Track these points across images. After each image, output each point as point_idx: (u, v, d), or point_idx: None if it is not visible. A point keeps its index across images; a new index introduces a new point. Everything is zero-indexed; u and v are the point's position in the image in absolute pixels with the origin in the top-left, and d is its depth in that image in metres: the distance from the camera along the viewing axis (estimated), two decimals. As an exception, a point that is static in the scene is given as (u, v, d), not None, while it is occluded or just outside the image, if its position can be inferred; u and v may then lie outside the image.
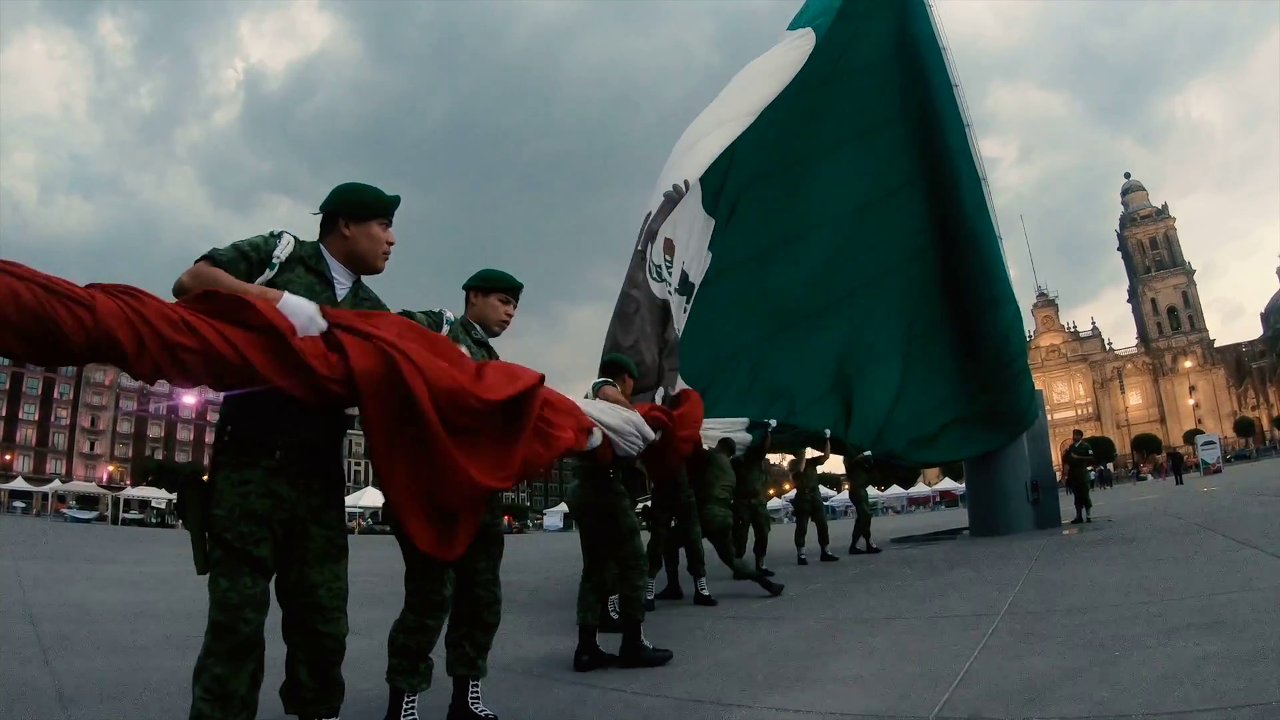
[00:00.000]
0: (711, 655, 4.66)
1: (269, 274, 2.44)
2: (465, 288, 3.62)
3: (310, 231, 2.68)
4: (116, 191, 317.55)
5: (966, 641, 4.26)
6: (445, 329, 3.29)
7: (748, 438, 9.53)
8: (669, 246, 8.51)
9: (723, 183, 9.57)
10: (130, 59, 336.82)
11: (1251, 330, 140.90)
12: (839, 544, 12.29)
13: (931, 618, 5.16)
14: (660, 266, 8.34)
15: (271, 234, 2.52)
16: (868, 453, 12.65)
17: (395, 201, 2.70)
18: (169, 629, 5.88)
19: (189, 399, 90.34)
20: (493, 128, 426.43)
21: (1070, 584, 6.13)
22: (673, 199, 8.51)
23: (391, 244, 2.69)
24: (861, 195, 12.82)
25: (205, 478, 2.39)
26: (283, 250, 2.48)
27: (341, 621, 2.42)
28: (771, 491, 51.25)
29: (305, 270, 2.53)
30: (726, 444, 8.41)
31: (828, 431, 11.25)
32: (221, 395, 2.30)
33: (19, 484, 63.44)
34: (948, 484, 62.28)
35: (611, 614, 5.39)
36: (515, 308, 3.63)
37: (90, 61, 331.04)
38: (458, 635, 3.28)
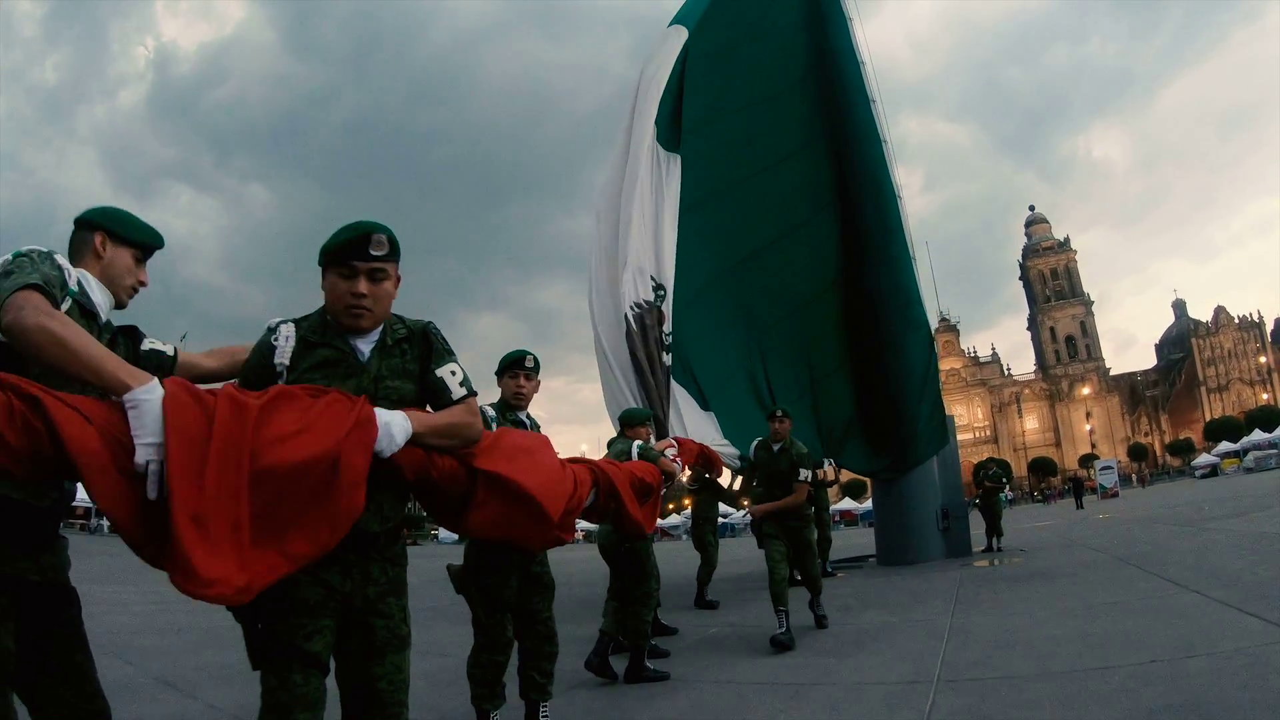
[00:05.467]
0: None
1: None
2: (498, 374, 4.13)
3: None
4: (13, 168, 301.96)
5: (903, 727, 3.46)
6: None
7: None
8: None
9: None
10: (38, 28, 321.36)
11: (1145, 360, 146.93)
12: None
13: (855, 684, 4.35)
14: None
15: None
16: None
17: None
18: None
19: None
20: (402, 129, 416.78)
21: (1005, 637, 5.42)
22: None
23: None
24: (773, 227, 12.53)
25: None
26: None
27: (403, 716, 2.14)
28: (671, 506, 50.53)
29: None
30: None
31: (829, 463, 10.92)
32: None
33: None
34: (847, 504, 62.35)
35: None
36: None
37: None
38: (527, 667, 3.81)
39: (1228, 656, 4.12)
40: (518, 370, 4.03)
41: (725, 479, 9.42)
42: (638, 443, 5.17)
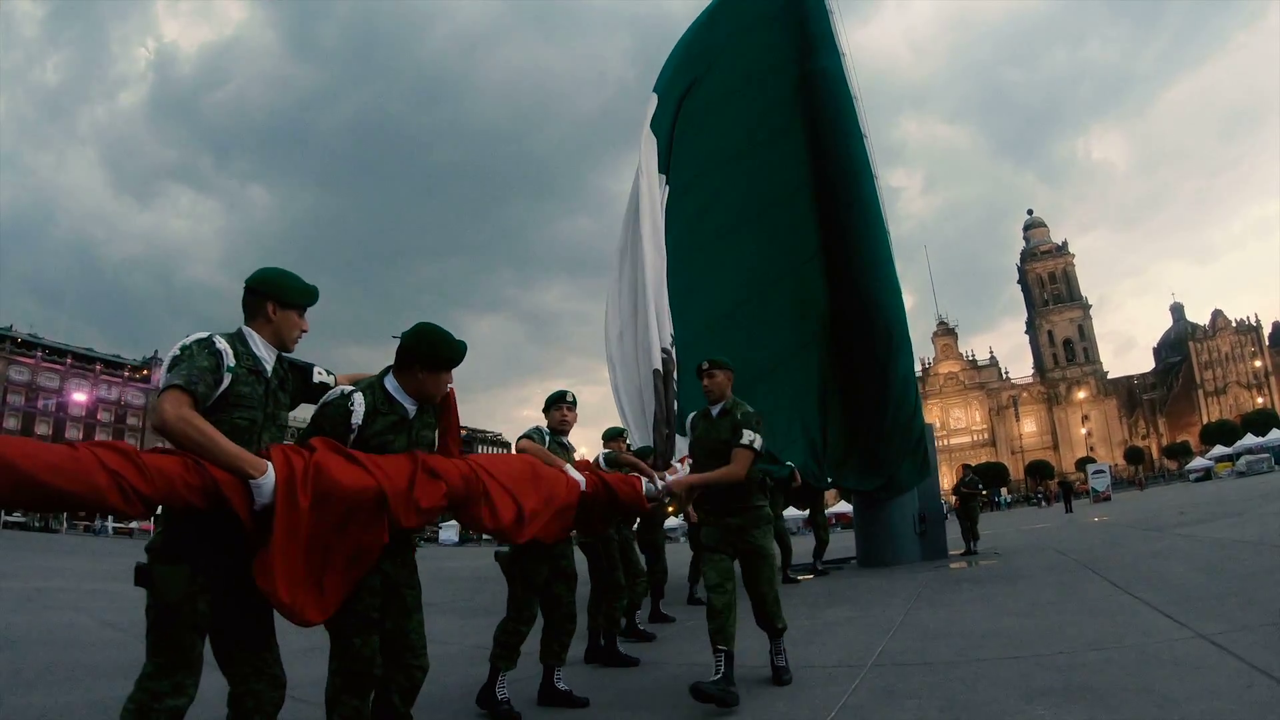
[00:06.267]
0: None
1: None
2: (545, 410, 5.13)
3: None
4: (13, 170, 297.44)
5: (826, 701, 4.10)
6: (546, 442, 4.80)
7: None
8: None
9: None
10: (39, 29, 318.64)
11: (1143, 363, 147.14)
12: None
13: (799, 668, 4.91)
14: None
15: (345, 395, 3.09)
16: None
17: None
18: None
19: (79, 396, 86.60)
20: (402, 130, 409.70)
21: (944, 630, 6.00)
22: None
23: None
24: (765, 276, 13.04)
25: None
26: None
27: (425, 656, 3.17)
28: (671, 509, 50.90)
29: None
30: None
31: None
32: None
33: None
34: (843, 507, 62.45)
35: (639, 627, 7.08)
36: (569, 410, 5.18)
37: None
38: (549, 639, 4.70)
39: (1125, 650, 4.65)
40: (561, 404, 5.10)
41: None
42: (603, 452, 6.48)
